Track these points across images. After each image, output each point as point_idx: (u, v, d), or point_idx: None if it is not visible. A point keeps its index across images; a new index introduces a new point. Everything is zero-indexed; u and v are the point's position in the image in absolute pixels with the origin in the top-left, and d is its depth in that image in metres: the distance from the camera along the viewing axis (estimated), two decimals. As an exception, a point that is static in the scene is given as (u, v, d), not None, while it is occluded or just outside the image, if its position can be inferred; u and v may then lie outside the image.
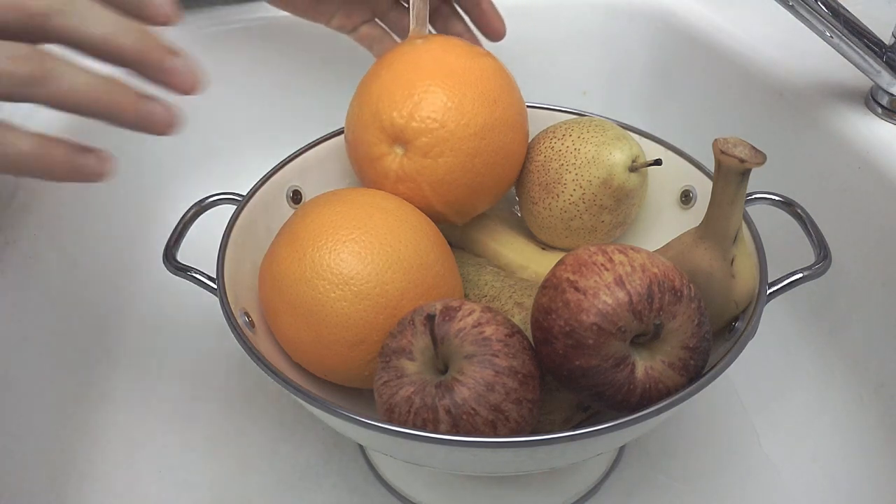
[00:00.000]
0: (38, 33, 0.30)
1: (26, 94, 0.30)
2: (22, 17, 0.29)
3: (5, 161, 0.30)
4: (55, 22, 0.30)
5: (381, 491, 0.48)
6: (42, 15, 0.30)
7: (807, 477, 0.48)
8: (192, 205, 0.47)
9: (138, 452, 0.50)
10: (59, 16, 0.30)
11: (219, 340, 0.57)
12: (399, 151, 0.45)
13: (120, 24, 0.31)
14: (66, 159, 0.32)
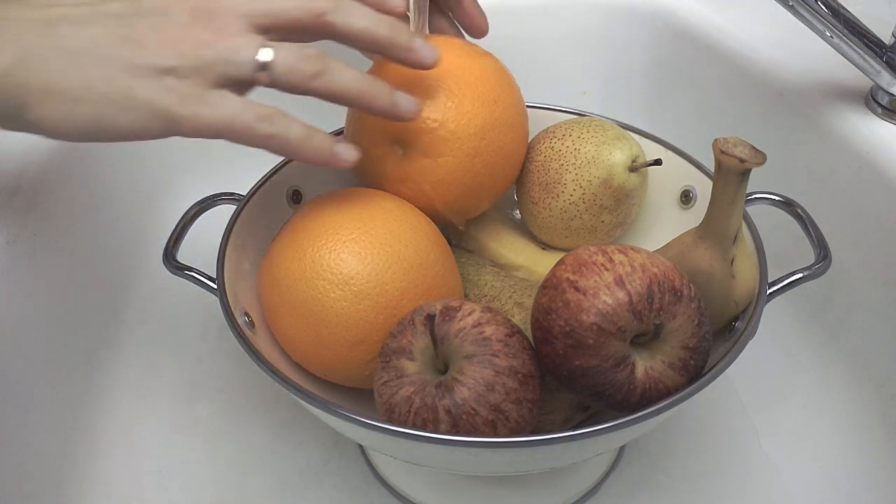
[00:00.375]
0: (317, 29, 0.37)
1: (309, 87, 0.37)
2: (309, 15, 0.37)
3: (276, 142, 0.36)
4: (329, 18, 0.37)
5: (381, 491, 0.48)
6: (322, 13, 0.37)
7: (807, 477, 0.48)
8: (193, 205, 0.47)
9: (138, 452, 0.50)
10: (332, 13, 0.37)
11: (219, 340, 0.57)
12: (399, 151, 0.45)
13: (374, 17, 0.38)
14: (326, 146, 0.38)
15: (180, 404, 0.53)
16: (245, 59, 0.35)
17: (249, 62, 0.35)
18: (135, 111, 0.34)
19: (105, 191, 0.58)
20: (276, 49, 0.35)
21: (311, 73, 0.36)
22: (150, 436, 0.51)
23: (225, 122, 0.35)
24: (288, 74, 0.36)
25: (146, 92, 0.34)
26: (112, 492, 0.47)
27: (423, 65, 0.40)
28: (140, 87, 0.34)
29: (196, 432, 0.51)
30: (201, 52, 0.34)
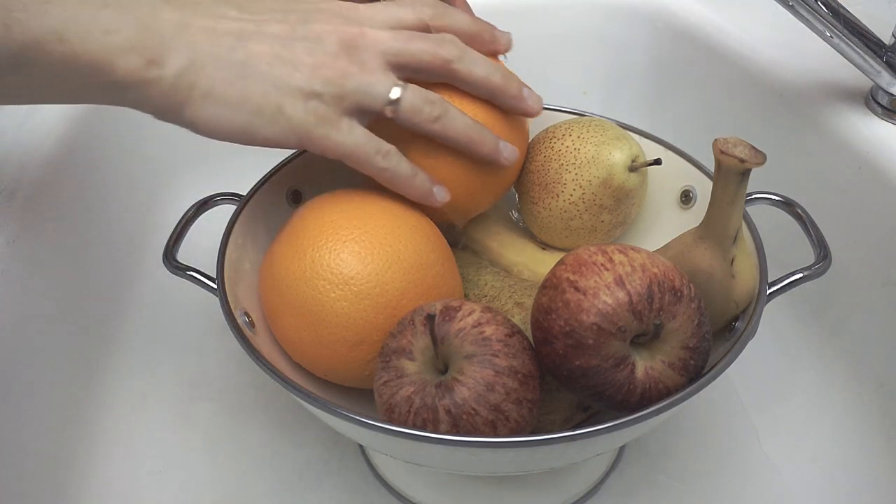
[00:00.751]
0: (442, 74, 0.42)
1: (428, 128, 0.41)
2: (437, 61, 0.41)
3: (387, 175, 0.42)
4: (455, 66, 0.42)
5: (380, 491, 0.48)
6: (450, 61, 0.42)
7: (807, 477, 0.48)
8: (193, 205, 0.47)
9: (138, 452, 0.50)
10: (458, 62, 0.42)
11: (219, 340, 0.57)
12: (401, 151, 0.45)
13: (492, 67, 0.43)
14: (427, 186, 0.43)
15: (180, 404, 0.53)
16: (379, 93, 0.40)
17: (382, 97, 0.40)
18: (279, 125, 0.39)
19: (105, 191, 0.58)
20: (406, 89, 0.40)
21: (432, 116, 0.41)
22: (150, 436, 0.51)
23: (350, 149, 0.40)
24: (411, 113, 0.41)
25: (293, 110, 0.39)
26: (112, 492, 0.47)
27: (529, 113, 0.45)
28: (289, 106, 0.39)
29: (196, 432, 0.51)
30: (345, 81, 0.39)
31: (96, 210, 0.56)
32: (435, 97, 0.41)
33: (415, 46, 0.41)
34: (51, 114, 0.55)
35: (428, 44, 0.41)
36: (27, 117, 0.54)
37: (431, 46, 0.41)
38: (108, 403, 0.52)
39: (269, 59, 0.38)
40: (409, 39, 0.41)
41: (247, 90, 0.38)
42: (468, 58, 0.42)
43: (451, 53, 0.42)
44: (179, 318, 0.58)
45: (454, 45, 0.42)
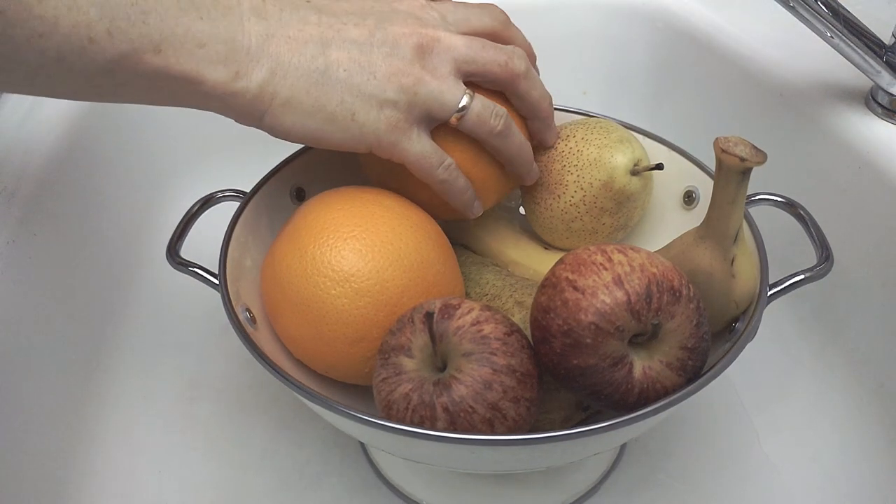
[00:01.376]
0: (506, 86, 0.43)
1: (489, 140, 0.43)
2: (506, 73, 0.42)
3: (445, 186, 0.43)
4: (519, 82, 0.43)
5: (381, 490, 0.48)
6: (517, 76, 0.43)
7: (807, 477, 0.48)
8: (197, 201, 0.47)
9: (138, 452, 0.50)
10: (523, 79, 0.43)
11: (219, 340, 0.57)
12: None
13: (545, 93, 0.46)
14: (471, 200, 0.45)
15: (180, 404, 0.53)
16: (450, 102, 0.41)
17: (452, 106, 0.41)
18: (351, 131, 0.40)
19: (105, 191, 0.58)
20: (475, 99, 0.42)
21: (496, 130, 0.43)
22: (150, 436, 0.51)
23: (416, 158, 0.42)
24: (476, 124, 0.42)
25: (366, 118, 0.40)
26: (112, 492, 0.47)
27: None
28: (362, 112, 0.40)
29: (196, 432, 0.51)
30: (419, 89, 0.40)
31: (96, 210, 0.56)
32: (501, 111, 0.43)
33: (488, 56, 0.42)
34: (51, 113, 0.55)
35: (500, 55, 0.42)
36: (28, 117, 0.55)
37: (503, 58, 0.42)
38: (108, 403, 0.52)
39: (347, 66, 0.39)
40: (483, 48, 0.42)
41: (323, 98, 0.39)
42: (531, 75, 0.44)
43: (520, 68, 0.43)
44: (179, 318, 0.58)
45: (522, 60, 0.43)
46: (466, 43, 0.42)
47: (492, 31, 0.44)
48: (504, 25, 0.45)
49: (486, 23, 0.44)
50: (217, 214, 0.47)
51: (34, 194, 0.49)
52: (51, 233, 0.49)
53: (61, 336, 0.49)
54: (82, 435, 0.49)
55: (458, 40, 0.41)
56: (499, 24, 0.45)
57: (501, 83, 0.43)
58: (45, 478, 0.44)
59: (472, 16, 0.44)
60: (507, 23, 0.45)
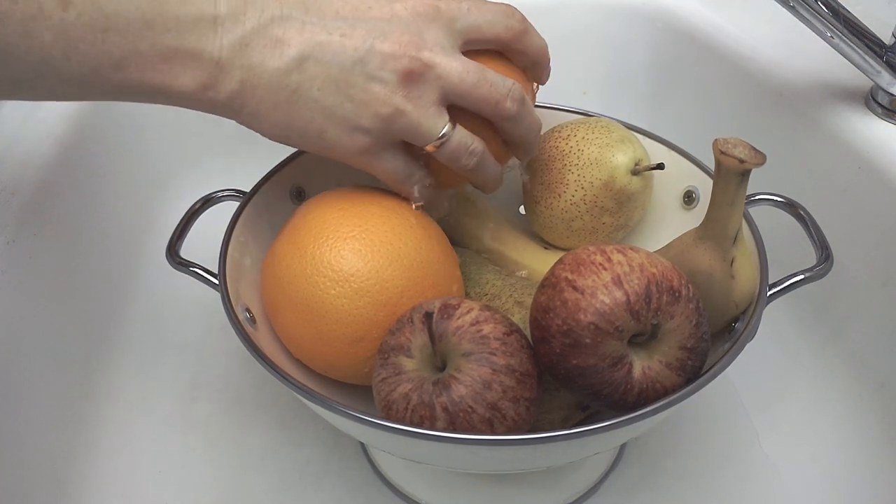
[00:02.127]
0: (493, 120, 0.42)
1: (462, 171, 0.42)
2: (494, 114, 0.41)
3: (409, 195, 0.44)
4: (506, 124, 0.42)
5: (381, 489, 0.48)
6: (504, 118, 0.42)
7: (807, 477, 0.48)
8: (197, 200, 0.47)
9: (138, 452, 0.50)
10: (511, 121, 0.42)
11: (219, 340, 0.57)
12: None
13: (535, 125, 0.44)
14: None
15: (180, 404, 0.53)
16: (428, 133, 0.40)
17: (431, 137, 0.40)
18: (318, 147, 0.40)
19: (105, 191, 0.58)
20: (455, 132, 0.41)
21: (470, 165, 0.42)
22: (150, 436, 0.51)
23: (385, 175, 0.42)
24: (451, 156, 0.41)
25: (336, 139, 0.39)
26: (112, 492, 0.47)
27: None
28: (332, 134, 0.39)
29: (196, 432, 0.51)
30: (396, 119, 0.39)
31: (96, 210, 0.57)
32: (477, 148, 0.42)
33: (480, 94, 0.40)
34: (51, 114, 0.55)
35: (493, 94, 0.40)
36: (27, 117, 0.55)
37: (495, 99, 0.40)
38: (108, 403, 0.52)
39: (322, 84, 0.38)
40: (477, 85, 0.40)
41: (292, 115, 0.38)
42: (520, 117, 0.42)
43: (510, 111, 0.41)
44: (179, 319, 0.58)
45: (515, 102, 0.41)
46: (461, 74, 0.39)
47: (504, 41, 0.42)
48: (517, 37, 0.42)
49: (499, 32, 0.42)
50: (217, 214, 0.47)
51: (34, 194, 0.49)
52: (51, 233, 0.49)
53: (61, 336, 0.49)
54: (82, 435, 0.49)
55: (454, 68, 0.39)
56: (511, 35, 0.42)
57: (489, 118, 0.42)
58: (45, 477, 0.45)
59: (485, 23, 0.41)
60: (521, 33, 0.42)
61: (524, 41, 0.43)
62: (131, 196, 0.62)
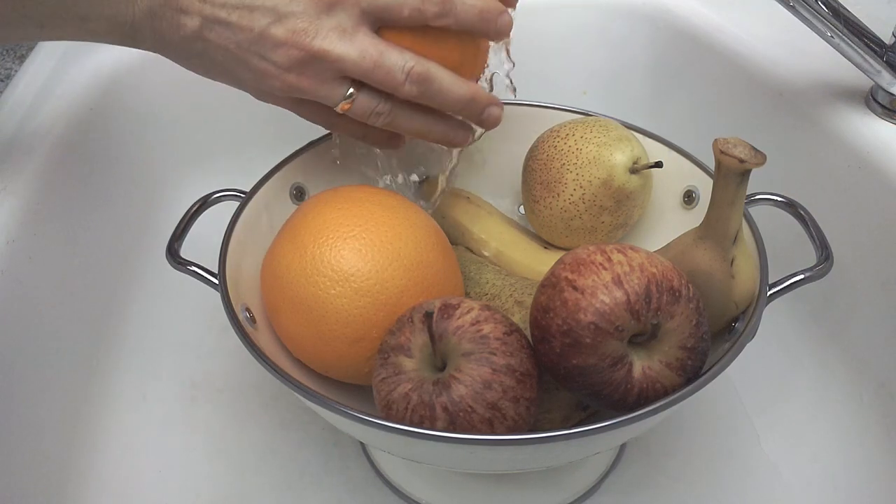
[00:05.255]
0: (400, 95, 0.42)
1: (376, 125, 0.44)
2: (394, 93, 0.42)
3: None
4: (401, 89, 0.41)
5: (381, 489, 0.48)
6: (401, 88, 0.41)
7: (807, 477, 0.48)
8: (197, 200, 0.47)
9: (138, 452, 0.50)
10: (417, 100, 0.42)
11: (219, 340, 0.57)
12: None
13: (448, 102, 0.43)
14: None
15: (180, 404, 0.53)
16: (329, 102, 0.42)
17: (332, 104, 0.42)
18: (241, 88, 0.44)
19: (105, 191, 0.58)
20: (358, 98, 0.42)
21: (380, 122, 0.43)
22: (150, 436, 0.51)
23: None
24: (361, 117, 0.43)
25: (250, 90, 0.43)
26: (112, 492, 0.47)
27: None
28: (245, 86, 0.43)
29: (196, 432, 0.51)
30: (293, 91, 0.41)
31: (96, 210, 0.56)
32: (382, 108, 0.43)
33: (376, 77, 0.41)
34: (50, 113, 0.55)
35: (390, 77, 0.41)
36: (27, 117, 0.55)
37: (391, 81, 0.41)
38: (108, 403, 0.52)
39: (223, 55, 0.41)
40: (373, 69, 0.40)
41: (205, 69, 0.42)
42: (426, 93, 0.42)
43: (410, 93, 0.41)
44: (179, 318, 0.58)
45: (414, 83, 0.41)
46: (356, 60, 0.40)
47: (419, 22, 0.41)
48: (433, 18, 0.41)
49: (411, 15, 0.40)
50: (217, 214, 0.47)
51: (34, 194, 0.49)
52: (51, 233, 0.49)
53: (61, 336, 0.49)
54: (82, 435, 0.49)
55: (349, 54, 0.39)
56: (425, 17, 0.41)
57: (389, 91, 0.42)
58: (46, 477, 0.44)
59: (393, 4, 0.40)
60: (436, 16, 0.41)
61: (444, 22, 0.41)
62: (131, 196, 0.62)
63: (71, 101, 0.57)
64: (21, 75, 0.60)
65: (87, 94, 0.59)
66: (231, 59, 0.41)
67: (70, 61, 0.61)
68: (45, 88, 0.58)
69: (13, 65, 0.68)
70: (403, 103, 0.43)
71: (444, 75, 0.42)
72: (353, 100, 0.42)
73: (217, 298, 0.41)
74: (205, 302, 0.53)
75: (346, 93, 0.41)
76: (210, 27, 0.40)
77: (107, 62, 0.62)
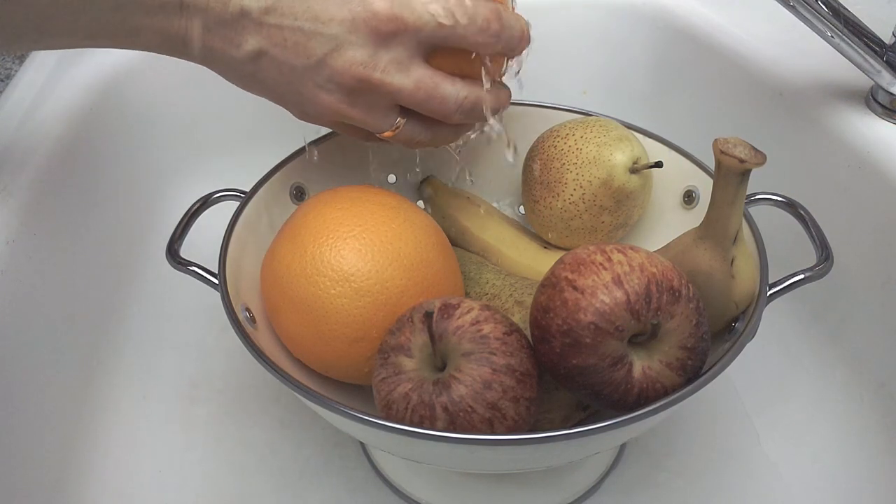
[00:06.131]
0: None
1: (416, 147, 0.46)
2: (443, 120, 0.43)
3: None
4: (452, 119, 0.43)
5: (381, 489, 0.48)
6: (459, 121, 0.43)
7: (807, 477, 0.48)
8: (197, 200, 0.47)
9: (138, 452, 0.50)
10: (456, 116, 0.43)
11: (219, 340, 0.57)
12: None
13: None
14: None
15: (180, 404, 0.53)
16: (376, 130, 0.43)
17: (379, 132, 0.43)
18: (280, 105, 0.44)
19: (105, 191, 0.58)
20: (404, 129, 0.43)
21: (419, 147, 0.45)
22: (150, 436, 0.51)
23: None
24: (401, 143, 0.44)
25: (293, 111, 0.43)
26: (112, 492, 0.47)
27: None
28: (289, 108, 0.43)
29: (196, 432, 0.51)
30: (342, 117, 0.42)
31: (96, 210, 0.56)
32: (423, 138, 0.44)
33: (430, 107, 0.41)
34: (51, 113, 0.55)
35: (442, 107, 0.41)
36: (28, 117, 0.55)
37: (443, 110, 0.42)
38: (108, 403, 0.52)
39: (276, 78, 0.40)
40: (427, 100, 0.41)
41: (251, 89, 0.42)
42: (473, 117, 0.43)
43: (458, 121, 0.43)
44: (179, 318, 0.58)
45: (464, 113, 0.42)
46: (412, 92, 0.40)
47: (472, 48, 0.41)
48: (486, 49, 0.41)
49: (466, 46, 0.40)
50: (217, 214, 0.47)
51: (34, 194, 0.49)
52: (51, 233, 0.49)
53: (61, 336, 0.49)
54: (82, 435, 0.49)
55: (405, 87, 0.40)
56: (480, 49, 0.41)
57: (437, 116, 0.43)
58: (46, 477, 0.45)
59: (453, 37, 0.40)
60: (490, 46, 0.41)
61: (496, 49, 0.41)
62: (131, 196, 0.62)
63: (71, 101, 0.57)
64: (21, 75, 0.60)
65: (87, 95, 0.59)
66: (283, 83, 0.41)
67: (70, 61, 0.61)
68: (45, 88, 0.58)
69: (13, 65, 0.68)
70: (444, 127, 0.44)
71: (488, 99, 0.43)
72: (398, 129, 0.43)
73: (217, 298, 0.41)
74: (205, 302, 0.53)
75: (395, 122, 0.42)
76: (267, 51, 0.39)
77: (107, 62, 0.62)
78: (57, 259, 0.50)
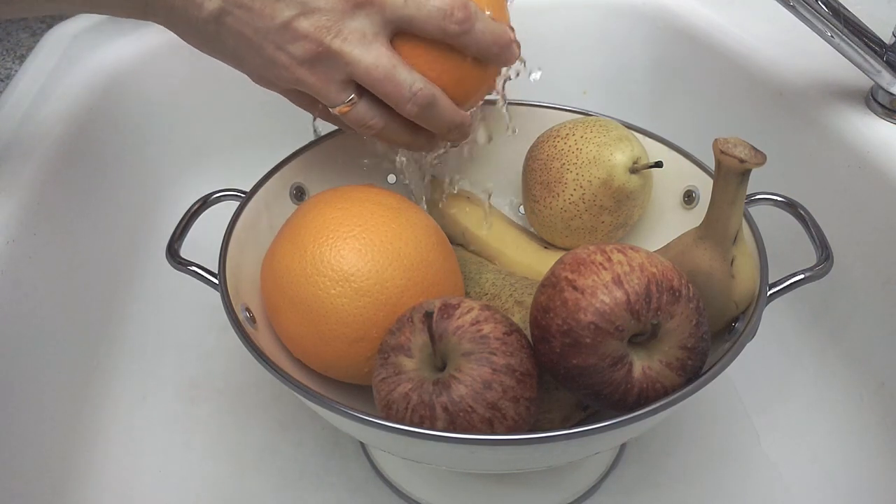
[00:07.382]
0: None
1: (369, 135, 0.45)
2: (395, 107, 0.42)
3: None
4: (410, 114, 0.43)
5: (381, 489, 0.48)
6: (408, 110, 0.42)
7: (807, 477, 0.48)
8: (197, 200, 0.47)
9: (138, 452, 0.50)
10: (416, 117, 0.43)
11: (219, 340, 0.57)
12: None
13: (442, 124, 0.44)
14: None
15: (180, 404, 0.53)
16: (330, 103, 0.42)
17: (332, 105, 0.42)
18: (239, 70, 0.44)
19: (105, 191, 0.58)
20: (357, 107, 0.42)
21: (369, 134, 0.44)
22: (150, 436, 0.51)
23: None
24: (353, 124, 0.43)
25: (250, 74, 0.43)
26: (112, 492, 0.47)
27: None
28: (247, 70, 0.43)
29: (196, 432, 0.51)
30: (298, 84, 0.42)
31: (96, 210, 0.56)
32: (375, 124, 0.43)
33: (384, 89, 0.41)
34: (51, 113, 0.55)
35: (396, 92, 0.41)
36: (27, 117, 0.55)
37: (396, 96, 0.41)
38: (108, 403, 0.52)
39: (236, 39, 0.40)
40: (382, 80, 0.41)
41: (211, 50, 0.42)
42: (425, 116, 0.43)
43: (410, 112, 0.42)
44: (179, 318, 0.58)
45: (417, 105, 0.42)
46: (369, 68, 0.40)
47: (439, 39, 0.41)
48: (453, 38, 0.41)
49: (431, 31, 0.41)
50: (217, 214, 0.47)
51: (34, 194, 0.49)
52: (51, 233, 0.49)
53: (61, 336, 0.49)
54: (82, 435, 0.49)
55: (364, 60, 0.40)
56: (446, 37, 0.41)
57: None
58: (45, 477, 0.45)
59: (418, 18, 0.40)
60: (457, 35, 0.41)
61: (462, 41, 0.41)
62: (131, 196, 0.62)
63: (71, 101, 0.57)
64: (21, 75, 0.60)
65: (87, 94, 0.59)
66: (244, 45, 0.40)
67: (70, 61, 0.61)
68: (45, 88, 0.58)
69: (13, 65, 0.68)
70: (396, 118, 0.44)
71: (446, 103, 0.43)
72: (352, 104, 0.42)
73: (217, 298, 0.41)
74: (205, 302, 0.53)
75: (348, 98, 0.42)
76: (230, 11, 0.39)
77: (107, 62, 0.62)
78: (57, 259, 0.50)
